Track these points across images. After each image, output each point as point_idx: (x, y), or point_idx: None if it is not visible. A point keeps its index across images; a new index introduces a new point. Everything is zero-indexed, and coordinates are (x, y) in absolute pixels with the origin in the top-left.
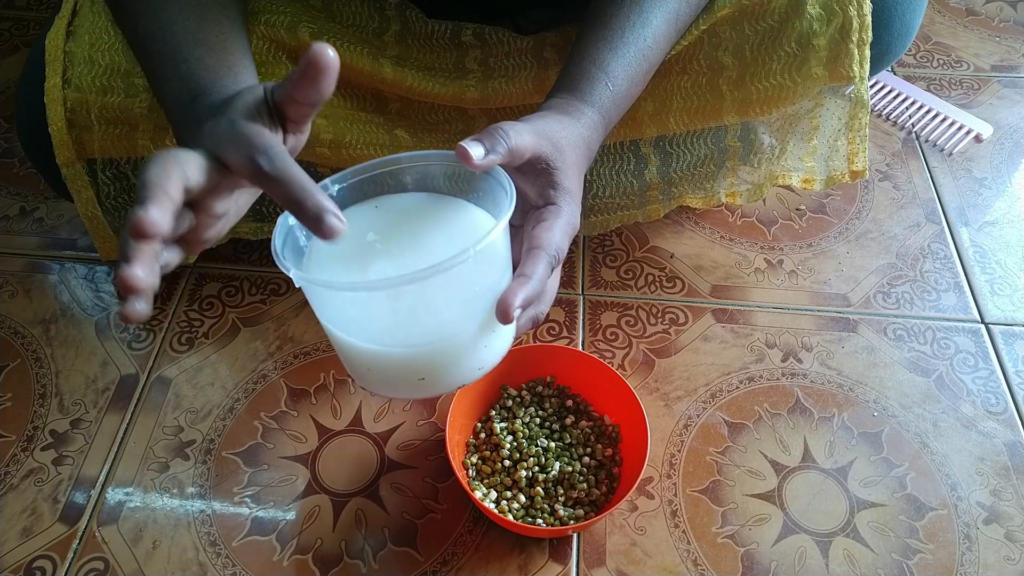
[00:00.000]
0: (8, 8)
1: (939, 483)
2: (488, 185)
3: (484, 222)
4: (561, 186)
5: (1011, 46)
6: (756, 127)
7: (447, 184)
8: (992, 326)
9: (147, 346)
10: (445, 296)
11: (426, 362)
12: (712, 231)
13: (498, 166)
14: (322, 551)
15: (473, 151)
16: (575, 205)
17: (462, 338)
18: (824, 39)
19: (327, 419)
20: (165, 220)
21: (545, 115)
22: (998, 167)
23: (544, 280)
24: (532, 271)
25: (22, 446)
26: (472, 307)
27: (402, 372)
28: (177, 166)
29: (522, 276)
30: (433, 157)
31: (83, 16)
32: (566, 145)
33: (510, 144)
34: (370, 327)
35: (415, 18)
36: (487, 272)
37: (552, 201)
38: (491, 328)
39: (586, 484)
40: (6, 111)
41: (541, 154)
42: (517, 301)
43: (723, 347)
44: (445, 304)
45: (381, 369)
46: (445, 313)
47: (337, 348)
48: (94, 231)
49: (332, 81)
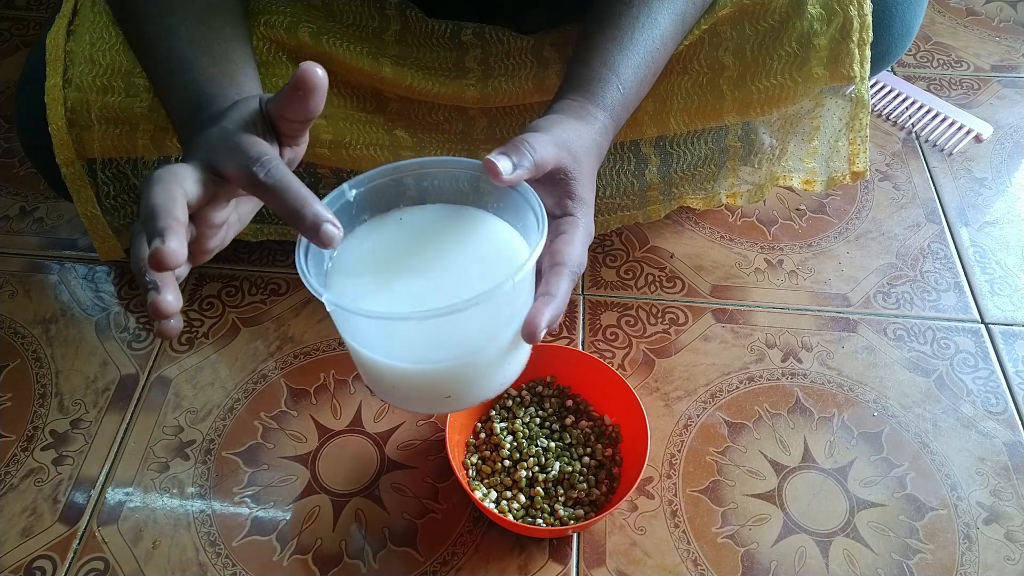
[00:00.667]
0: (8, 8)
1: (939, 483)
2: (510, 196)
3: (507, 236)
4: (578, 196)
5: (1011, 46)
6: (757, 127)
7: (468, 193)
8: (992, 326)
9: (147, 346)
10: (476, 320)
11: (452, 380)
12: (712, 231)
13: (525, 182)
14: (322, 551)
15: (502, 165)
16: (591, 214)
17: (489, 357)
18: (825, 39)
19: (327, 419)
20: (183, 248)
21: (560, 121)
22: (998, 167)
23: (568, 297)
24: (556, 289)
25: (22, 446)
26: (501, 328)
27: (429, 390)
28: (177, 185)
29: (547, 295)
30: (456, 164)
31: (84, 16)
32: (583, 154)
33: (536, 158)
34: (399, 348)
35: (415, 17)
36: (518, 296)
37: (569, 212)
38: (516, 346)
39: (586, 484)
40: (6, 111)
41: (561, 165)
42: (544, 323)
43: (723, 347)
44: (475, 327)
45: (407, 387)
46: (474, 334)
47: (360, 364)
48: (94, 231)
49: (321, 99)
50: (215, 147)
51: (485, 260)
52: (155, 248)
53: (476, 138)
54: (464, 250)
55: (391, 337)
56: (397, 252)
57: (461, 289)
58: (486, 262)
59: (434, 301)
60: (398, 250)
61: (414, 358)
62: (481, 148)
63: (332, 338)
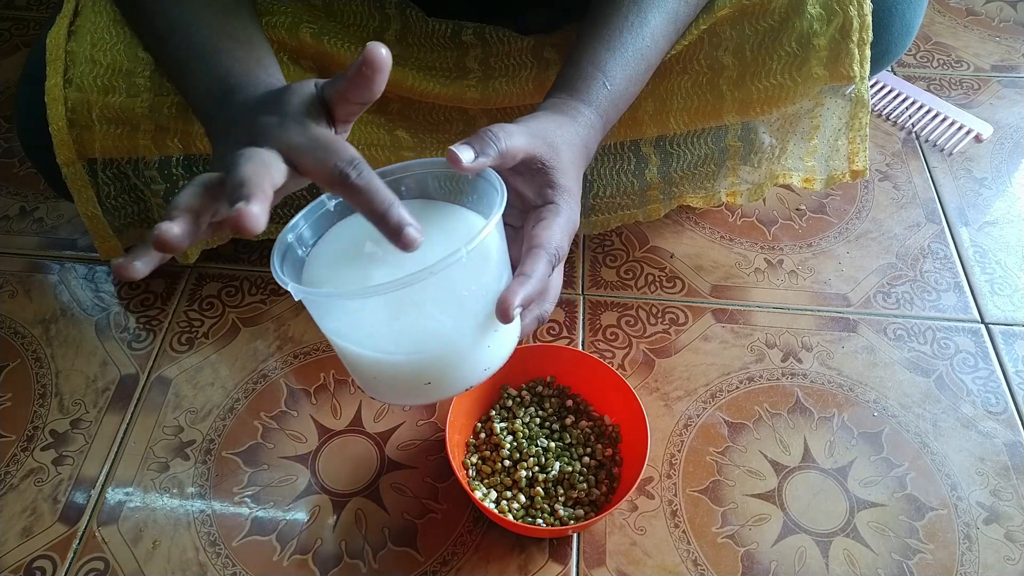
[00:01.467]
0: (8, 8)
1: (939, 483)
2: (482, 187)
3: (478, 224)
4: (559, 185)
5: (1011, 46)
6: (756, 127)
7: (441, 190)
8: (992, 326)
9: (147, 346)
10: (441, 299)
11: (430, 366)
12: (712, 231)
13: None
14: (322, 551)
15: (463, 155)
16: (574, 204)
17: (463, 340)
18: (824, 39)
19: (327, 419)
20: (265, 215)
21: (540, 115)
22: (998, 167)
23: (544, 279)
24: (532, 270)
25: (22, 446)
26: (469, 308)
27: (407, 378)
28: (265, 168)
29: (522, 275)
30: (423, 165)
31: (85, 16)
32: (562, 144)
33: (500, 147)
34: (371, 335)
35: (416, 17)
36: (481, 272)
37: (551, 200)
38: (493, 328)
39: (586, 484)
40: (6, 111)
41: (535, 154)
42: (516, 300)
43: (723, 347)
44: (441, 307)
45: (387, 376)
46: (443, 316)
47: (342, 358)
48: (94, 231)
49: (385, 79)
50: (295, 143)
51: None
52: (238, 208)
53: None
54: (438, 243)
55: (360, 326)
56: (370, 248)
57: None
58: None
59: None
60: (370, 246)
61: (390, 347)
62: None
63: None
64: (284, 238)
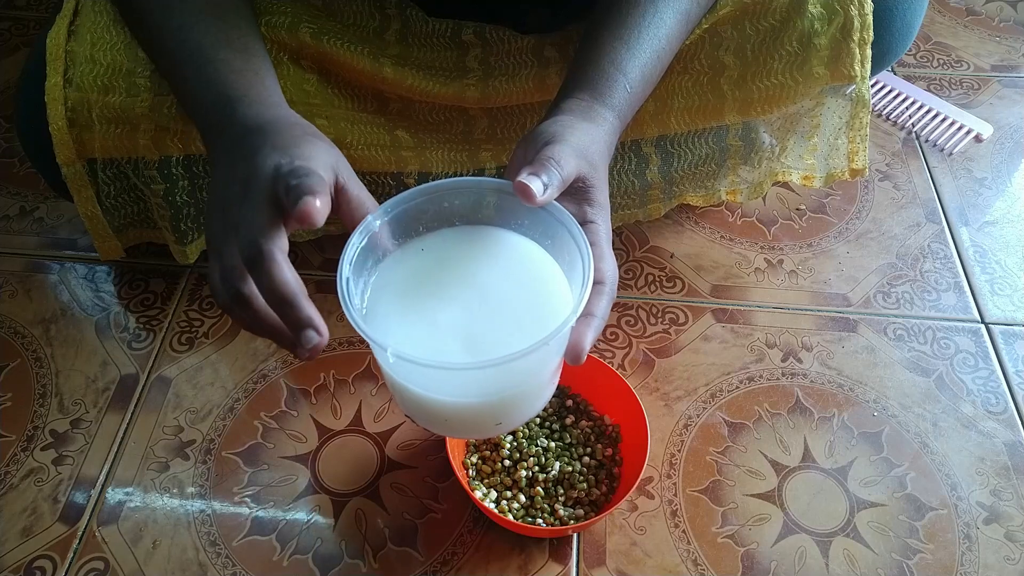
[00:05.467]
0: (8, 8)
1: (939, 483)
2: (534, 213)
3: (537, 256)
4: (597, 203)
5: (1011, 46)
6: (757, 126)
7: (492, 211)
8: (992, 326)
9: (147, 346)
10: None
11: (502, 409)
12: (712, 231)
13: (555, 202)
14: (322, 551)
15: (534, 187)
16: (608, 217)
17: (537, 384)
18: (825, 38)
19: (327, 419)
20: (326, 209)
21: (573, 125)
22: (998, 167)
23: (607, 316)
24: (597, 309)
25: (22, 446)
26: (549, 359)
27: (482, 419)
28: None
29: (590, 316)
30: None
31: (85, 16)
32: (598, 159)
33: (563, 176)
34: (451, 385)
35: (416, 17)
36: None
37: (590, 219)
38: (560, 367)
39: (586, 484)
40: (6, 111)
41: (581, 175)
42: (588, 345)
43: (723, 347)
44: (524, 362)
45: (461, 419)
46: (525, 368)
47: (407, 400)
48: (94, 231)
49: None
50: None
51: (523, 284)
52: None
53: (477, 138)
54: (497, 274)
55: (448, 380)
56: (431, 285)
57: (507, 319)
58: (524, 286)
59: (483, 332)
60: (431, 282)
61: (470, 393)
62: (482, 148)
63: (332, 338)
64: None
